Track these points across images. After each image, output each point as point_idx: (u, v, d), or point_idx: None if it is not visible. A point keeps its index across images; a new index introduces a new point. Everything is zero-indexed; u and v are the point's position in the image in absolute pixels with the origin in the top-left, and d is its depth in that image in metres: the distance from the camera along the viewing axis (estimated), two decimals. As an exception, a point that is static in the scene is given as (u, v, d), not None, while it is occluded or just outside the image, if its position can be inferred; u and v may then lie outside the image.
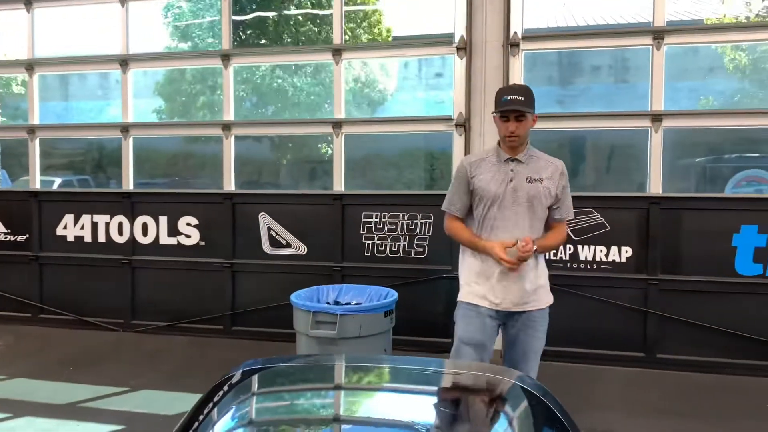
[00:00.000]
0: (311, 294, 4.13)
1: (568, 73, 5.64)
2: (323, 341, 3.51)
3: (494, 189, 2.97)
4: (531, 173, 2.99)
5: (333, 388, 2.17)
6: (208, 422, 1.88)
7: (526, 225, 2.97)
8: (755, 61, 5.34)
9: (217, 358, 5.21)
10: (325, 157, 6.07)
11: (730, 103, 5.35)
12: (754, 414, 4.03)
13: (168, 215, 5.87)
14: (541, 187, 2.97)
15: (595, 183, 5.58)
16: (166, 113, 6.61)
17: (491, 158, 3.04)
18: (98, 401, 4.25)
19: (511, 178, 2.97)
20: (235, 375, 2.19)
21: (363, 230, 5.41)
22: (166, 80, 6.63)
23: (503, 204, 2.96)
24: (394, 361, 2.74)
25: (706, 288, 4.80)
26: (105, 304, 6.03)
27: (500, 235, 2.97)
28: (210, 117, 6.25)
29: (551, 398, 2.04)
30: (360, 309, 3.62)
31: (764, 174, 5.15)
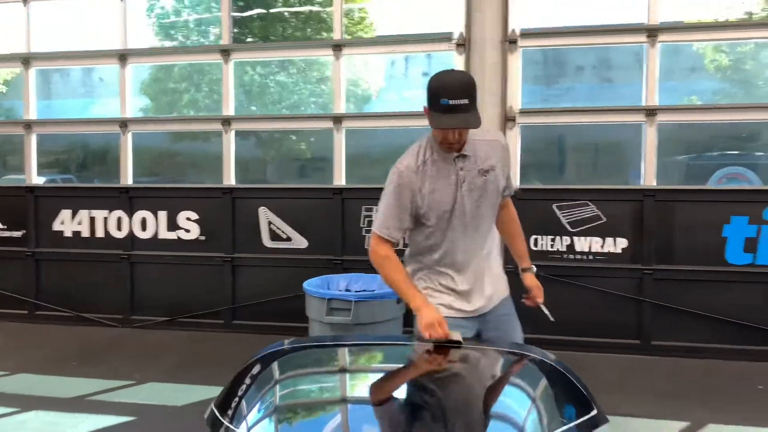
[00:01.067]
0: (323, 282, 4.21)
1: (556, 71, 5.79)
2: (337, 327, 3.59)
3: (448, 200, 2.38)
4: (481, 163, 2.40)
5: (367, 368, 2.27)
6: (250, 396, 1.94)
7: (485, 232, 2.50)
8: (735, 62, 5.54)
9: (220, 352, 5.24)
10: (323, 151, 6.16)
11: (711, 102, 5.52)
12: (744, 396, 4.18)
13: (167, 210, 5.88)
14: (494, 175, 2.44)
15: (590, 176, 5.75)
16: (151, 111, 6.60)
17: (434, 159, 2.38)
18: (105, 394, 4.26)
19: (463, 179, 2.38)
20: (267, 354, 2.25)
21: (363, 224, 5.49)
22: (152, 79, 6.63)
23: (458, 216, 2.40)
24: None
25: (698, 277, 4.96)
26: (103, 299, 6.02)
27: (458, 257, 2.44)
28: (193, 114, 6.27)
29: (573, 373, 2.14)
30: (374, 295, 3.71)
31: (744, 171, 5.34)
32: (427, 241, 2.47)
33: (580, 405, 1.83)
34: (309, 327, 3.95)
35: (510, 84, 5.18)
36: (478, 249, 2.49)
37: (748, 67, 5.56)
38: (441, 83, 2.27)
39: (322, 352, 2.45)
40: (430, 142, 2.42)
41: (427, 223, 2.41)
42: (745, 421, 3.69)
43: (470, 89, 2.25)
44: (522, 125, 5.24)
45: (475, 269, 2.48)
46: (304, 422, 1.91)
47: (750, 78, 5.55)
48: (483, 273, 2.50)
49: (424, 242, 2.47)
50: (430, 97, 2.27)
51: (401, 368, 2.37)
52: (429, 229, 2.43)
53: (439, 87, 2.25)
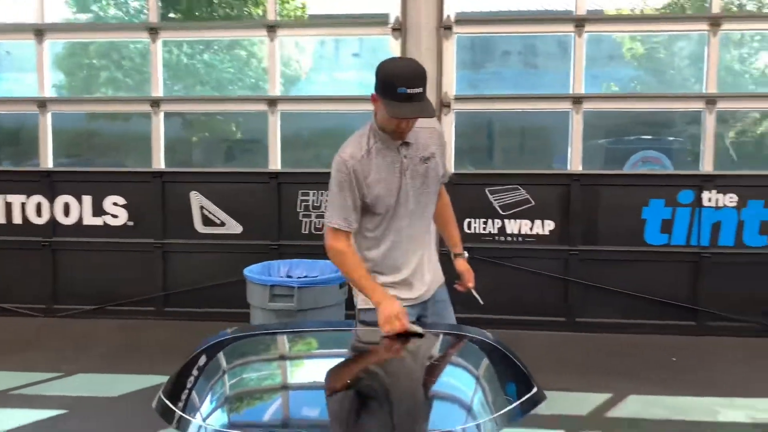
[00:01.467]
0: (263, 269, 4.18)
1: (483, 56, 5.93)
2: (281, 314, 3.58)
3: (394, 189, 2.36)
4: (422, 151, 2.40)
5: (314, 354, 2.29)
6: (200, 386, 1.93)
7: (428, 220, 2.53)
8: (649, 50, 5.86)
9: (152, 340, 5.12)
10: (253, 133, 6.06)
11: (628, 88, 5.82)
12: (660, 366, 4.50)
13: (92, 195, 5.64)
14: (435, 162, 2.44)
15: (519, 160, 5.95)
16: (66, 89, 6.26)
17: (378, 147, 2.35)
18: (32, 387, 4.07)
19: (407, 167, 2.37)
20: (213, 344, 2.24)
21: (300, 208, 5.46)
22: (67, 53, 6.27)
23: (403, 204, 2.39)
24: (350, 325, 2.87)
25: (620, 257, 5.26)
26: (23, 289, 5.72)
27: (409, 248, 2.45)
28: (113, 93, 6.00)
29: (512, 352, 2.25)
30: (317, 281, 3.72)
31: (658, 155, 5.68)
32: (372, 232, 2.44)
33: (522, 383, 1.92)
34: (251, 314, 3.91)
35: (445, 70, 5.27)
36: (422, 237, 2.50)
37: (661, 55, 5.88)
38: (396, 72, 2.21)
39: (267, 340, 2.45)
40: (373, 130, 2.37)
41: (373, 213, 2.38)
42: (663, 391, 3.97)
43: (424, 78, 2.23)
44: (456, 111, 5.35)
45: (419, 257, 2.49)
46: (255, 409, 1.92)
47: (662, 66, 5.88)
48: (424, 260, 2.51)
49: (370, 233, 2.44)
50: (384, 86, 2.21)
51: (346, 353, 2.41)
52: (375, 219, 2.40)
53: (395, 75, 2.19)
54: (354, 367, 2.24)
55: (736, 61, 5.69)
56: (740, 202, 5.14)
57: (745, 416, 3.63)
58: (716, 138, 5.24)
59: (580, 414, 3.67)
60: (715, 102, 5.15)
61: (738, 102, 5.40)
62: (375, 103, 2.30)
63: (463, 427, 1.67)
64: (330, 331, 2.55)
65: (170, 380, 2.04)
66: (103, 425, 3.52)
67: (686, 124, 5.67)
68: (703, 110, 5.19)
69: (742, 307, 5.16)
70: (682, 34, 5.56)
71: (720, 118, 5.27)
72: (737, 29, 5.44)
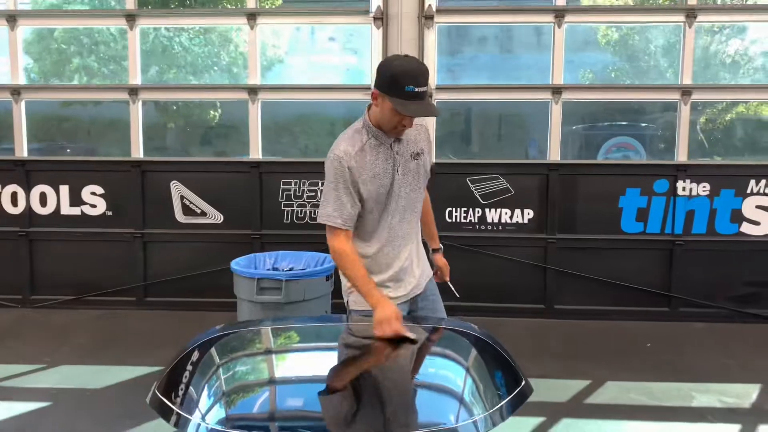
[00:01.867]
0: (249, 262, 4.18)
1: (460, 41, 5.94)
2: (268, 306, 3.60)
3: (387, 185, 2.38)
4: (412, 147, 2.44)
5: (306, 349, 2.33)
6: (195, 382, 1.96)
7: (417, 216, 2.55)
8: (623, 37, 5.93)
9: (133, 330, 5.11)
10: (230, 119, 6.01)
11: (604, 75, 5.90)
12: (636, 353, 4.63)
13: (69, 184, 5.56)
14: (423, 158, 2.48)
15: (498, 149, 6.02)
16: (36, 73, 6.13)
17: (372, 144, 2.36)
18: (13, 380, 4.05)
19: (399, 163, 2.40)
20: (205, 340, 2.25)
21: (282, 198, 5.46)
22: (36, 37, 6.13)
23: (395, 200, 2.42)
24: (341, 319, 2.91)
25: (596, 245, 5.37)
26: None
27: (401, 244, 2.47)
28: (87, 80, 5.89)
29: (502, 346, 2.32)
30: (304, 274, 3.74)
31: (631, 141, 5.80)
32: (365, 229, 2.44)
33: (511, 378, 1.98)
34: (238, 306, 3.92)
35: (426, 60, 5.28)
36: (411, 232, 2.53)
37: (635, 42, 5.96)
38: (404, 70, 2.21)
39: (258, 336, 2.47)
40: (366, 126, 2.37)
41: (366, 209, 2.38)
42: (638, 377, 4.10)
43: (428, 77, 2.27)
44: (438, 101, 5.38)
45: (408, 252, 2.51)
46: (250, 405, 1.95)
47: (636, 53, 5.96)
48: (413, 256, 2.53)
49: (362, 230, 2.44)
50: (391, 83, 2.21)
51: (337, 348, 2.45)
52: (367, 216, 2.40)
53: (403, 74, 2.20)
54: (345, 362, 2.28)
55: (710, 51, 5.80)
56: (713, 191, 5.28)
57: (718, 401, 3.76)
58: (690, 128, 5.36)
59: (560, 401, 3.77)
60: (691, 93, 5.25)
61: (713, 93, 5.51)
62: (375, 99, 2.30)
63: (455, 422, 1.73)
64: (321, 327, 2.57)
65: (164, 376, 2.05)
66: (88, 417, 3.51)
67: (660, 112, 5.77)
68: (678, 101, 5.29)
69: (714, 294, 5.32)
70: (658, 25, 5.65)
71: (694, 106, 5.39)
72: (713, 20, 5.54)
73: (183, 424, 1.72)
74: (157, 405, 1.86)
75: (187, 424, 1.70)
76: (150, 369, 4.14)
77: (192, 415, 1.74)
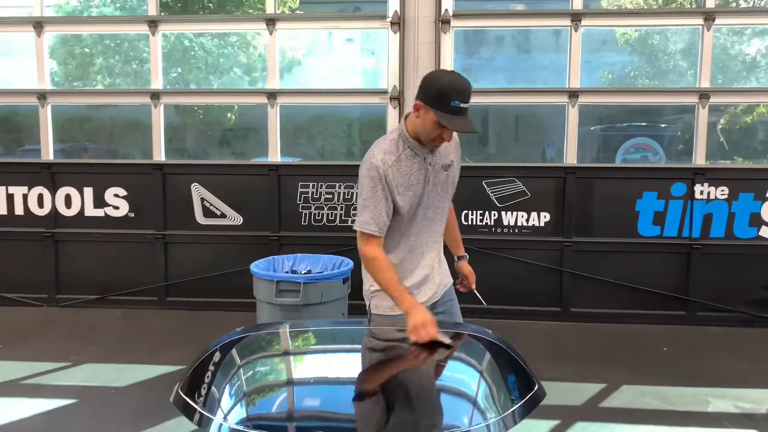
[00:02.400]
0: (268, 264, 4.26)
1: (477, 40, 5.97)
2: (287, 308, 3.67)
3: (418, 195, 2.44)
4: (443, 159, 2.48)
5: (326, 351, 2.39)
6: (217, 382, 2.03)
7: (442, 226, 2.61)
8: (643, 35, 5.91)
9: (154, 329, 5.22)
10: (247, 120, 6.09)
11: (623, 75, 5.89)
12: (651, 357, 4.64)
13: (93, 186, 5.69)
14: (453, 170, 2.54)
15: (515, 152, 6.04)
16: (60, 76, 6.28)
17: (407, 154, 2.40)
18: (40, 377, 4.17)
19: (431, 174, 2.45)
20: (226, 342, 2.32)
21: (300, 200, 5.54)
22: (59, 41, 6.28)
23: (423, 210, 2.48)
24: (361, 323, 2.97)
25: (613, 248, 5.38)
26: (25, 279, 5.79)
27: (424, 251, 2.53)
28: (109, 82, 6.02)
29: (512, 348, 2.36)
30: (321, 277, 3.81)
31: (649, 141, 5.78)
32: (392, 237, 2.47)
33: (524, 382, 2.02)
34: (257, 308, 4.00)
35: (443, 64, 5.33)
36: (435, 241, 2.58)
37: (655, 41, 5.94)
38: (452, 85, 2.27)
39: (278, 338, 2.54)
40: (403, 136, 2.41)
41: (396, 218, 2.43)
42: (654, 381, 4.10)
43: (471, 91, 2.31)
44: (454, 104, 5.41)
45: (431, 260, 2.56)
46: (271, 405, 2.02)
47: (655, 52, 5.94)
48: (435, 264, 2.58)
49: (391, 238, 2.47)
50: (438, 97, 2.25)
51: (355, 351, 2.51)
52: (397, 224, 2.44)
53: (450, 89, 2.25)
54: (362, 365, 2.34)
55: (728, 54, 5.77)
56: (731, 194, 5.26)
57: (734, 407, 3.76)
58: (709, 131, 5.34)
59: (575, 404, 3.80)
60: (708, 96, 5.24)
61: (731, 96, 5.50)
62: (417, 110, 2.33)
63: (468, 425, 1.78)
64: (340, 329, 2.63)
65: (187, 376, 2.12)
66: (112, 415, 3.61)
67: (679, 113, 5.75)
68: (696, 104, 5.28)
69: (731, 298, 5.30)
70: (676, 28, 5.63)
71: (712, 108, 5.36)
72: (731, 23, 5.52)
73: (206, 423, 1.79)
74: (181, 404, 1.94)
75: (210, 424, 1.78)
76: (172, 368, 4.24)
77: (214, 415, 1.81)
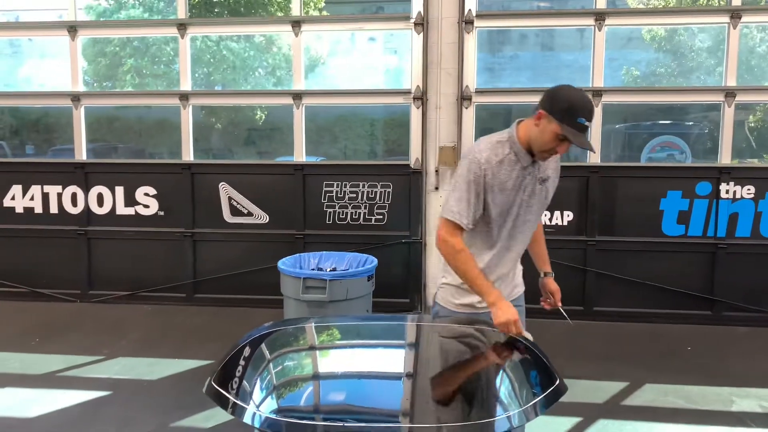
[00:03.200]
0: (295, 261, 4.36)
1: (500, 38, 6.00)
2: (313, 304, 3.76)
3: (512, 202, 2.43)
4: (542, 172, 2.48)
5: (354, 345, 2.47)
6: (249, 375, 2.11)
7: (528, 238, 2.58)
8: (670, 32, 5.88)
9: (183, 325, 5.35)
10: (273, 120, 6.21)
11: (648, 72, 5.86)
12: (675, 356, 4.63)
13: (124, 185, 5.86)
14: (548, 185, 2.53)
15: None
16: (89, 75, 6.44)
17: (511, 159, 2.40)
18: (75, 370, 4.32)
19: (527, 185, 2.45)
20: (256, 337, 2.41)
21: (324, 199, 5.63)
22: (89, 41, 6.44)
23: (513, 219, 2.46)
24: (394, 318, 3.05)
25: (637, 247, 5.37)
26: (59, 275, 5.98)
27: (504, 257, 2.51)
28: (138, 80, 6.16)
29: (534, 344, 2.41)
30: (347, 274, 3.89)
31: (675, 140, 5.75)
32: (480, 239, 2.48)
33: (546, 376, 2.08)
34: (284, 304, 4.11)
35: (466, 63, 5.37)
36: (518, 252, 2.58)
37: (681, 38, 5.90)
38: (581, 102, 2.29)
39: (306, 332, 2.63)
40: (511, 141, 2.41)
41: (486, 222, 2.44)
42: (677, 380, 4.11)
43: None
44: (477, 104, 5.46)
45: (509, 269, 2.57)
46: (302, 396, 2.10)
47: (681, 48, 5.91)
48: (511, 273, 2.59)
49: (479, 240, 2.48)
50: (567, 111, 2.27)
51: (380, 344, 2.58)
52: (485, 228, 2.46)
53: (579, 106, 2.27)
54: (388, 358, 2.41)
55: (755, 52, 5.71)
56: (757, 193, 5.22)
57: (758, 406, 3.75)
58: (735, 130, 5.30)
59: (597, 402, 3.82)
60: (735, 95, 5.21)
61: (757, 95, 5.44)
62: (539, 119, 2.33)
63: (491, 416, 1.84)
64: (367, 324, 2.71)
65: (219, 369, 2.21)
66: (145, 407, 3.73)
67: (705, 110, 5.71)
68: (722, 103, 5.25)
69: (757, 298, 5.26)
70: (702, 27, 5.60)
71: (739, 107, 5.32)
72: (758, 21, 5.46)
73: (239, 412, 1.88)
74: (214, 394, 2.03)
75: (244, 412, 1.86)
76: (200, 363, 4.37)
77: (248, 404, 1.90)
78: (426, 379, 2.21)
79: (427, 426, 1.85)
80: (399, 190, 5.54)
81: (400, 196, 5.54)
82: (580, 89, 2.34)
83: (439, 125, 5.45)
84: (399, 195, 5.54)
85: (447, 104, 5.43)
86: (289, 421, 1.81)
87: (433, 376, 2.22)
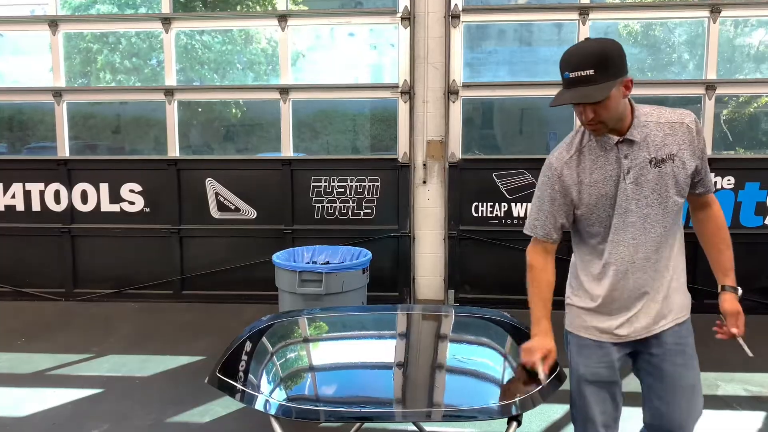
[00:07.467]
0: (289, 255, 4.37)
1: (480, 33, 6.04)
2: (309, 297, 3.79)
3: (608, 195, 1.99)
4: (654, 151, 1.96)
5: (352, 336, 2.50)
6: (253, 365, 2.13)
7: (657, 233, 2.00)
8: (645, 27, 5.98)
9: (173, 322, 5.32)
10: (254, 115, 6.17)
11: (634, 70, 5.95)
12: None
13: (109, 182, 5.81)
14: (674, 166, 1.97)
15: (523, 144, 6.12)
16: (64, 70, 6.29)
17: (591, 146, 2.02)
18: (65, 368, 4.28)
19: (628, 169, 1.96)
20: (255, 330, 2.43)
21: (312, 194, 5.64)
22: (65, 36, 6.30)
23: (620, 215, 1.98)
24: (376, 309, 3.09)
25: (621, 238, 5.45)
26: (43, 273, 5.92)
27: (622, 253, 2.01)
28: (111, 78, 6.10)
29: (511, 318, 2.49)
30: (342, 267, 3.92)
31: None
32: (587, 245, 2.14)
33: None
34: (279, 297, 4.12)
35: (452, 58, 5.41)
36: (646, 259, 2.03)
37: (658, 34, 6.00)
38: (564, 56, 1.91)
39: (305, 324, 2.65)
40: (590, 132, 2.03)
41: (583, 222, 2.08)
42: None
43: (595, 59, 1.85)
44: (463, 98, 5.50)
45: (636, 282, 2.05)
46: (307, 385, 2.13)
47: (658, 44, 6.00)
48: (647, 300, 2.08)
49: (586, 246, 2.15)
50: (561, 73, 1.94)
51: (379, 334, 2.62)
52: (589, 231, 2.09)
53: (561, 60, 1.91)
54: (388, 347, 2.44)
55: (733, 45, 5.83)
56: (737, 183, 5.34)
57: (743, 390, 3.86)
58: (715, 121, 5.42)
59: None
60: (715, 88, 5.32)
61: (737, 87, 5.56)
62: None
63: (493, 403, 1.89)
64: (364, 315, 2.74)
65: (222, 360, 2.23)
66: (140, 403, 3.72)
67: (685, 104, 5.81)
68: (702, 95, 5.36)
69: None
70: (680, 21, 5.71)
71: (718, 100, 5.44)
72: (737, 16, 5.58)
73: (248, 399, 1.90)
74: (218, 384, 2.05)
75: (254, 400, 1.88)
76: (193, 358, 4.35)
77: (257, 392, 1.92)
78: (430, 368, 2.26)
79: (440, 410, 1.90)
80: (387, 185, 5.57)
81: (389, 190, 5.58)
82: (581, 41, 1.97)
83: (427, 119, 5.49)
84: (387, 189, 5.57)
85: (434, 98, 5.47)
86: (301, 407, 1.83)
87: (436, 364, 2.26)
